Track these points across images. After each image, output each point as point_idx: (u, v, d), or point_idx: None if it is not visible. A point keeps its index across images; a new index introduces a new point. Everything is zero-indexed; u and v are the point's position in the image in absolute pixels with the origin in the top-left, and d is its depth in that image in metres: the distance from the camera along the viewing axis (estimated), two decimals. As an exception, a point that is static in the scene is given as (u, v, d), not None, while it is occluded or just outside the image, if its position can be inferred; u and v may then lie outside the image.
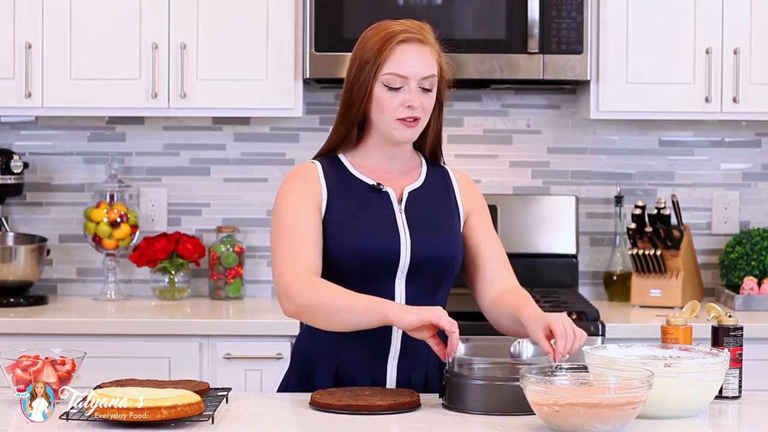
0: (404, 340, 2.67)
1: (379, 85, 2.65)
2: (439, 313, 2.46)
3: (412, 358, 2.69)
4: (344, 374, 2.68)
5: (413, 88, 2.64)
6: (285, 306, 2.60)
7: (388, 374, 2.68)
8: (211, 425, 2.31)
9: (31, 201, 4.38)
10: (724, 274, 4.28)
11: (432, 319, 2.46)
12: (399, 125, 2.66)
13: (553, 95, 4.38)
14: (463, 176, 2.85)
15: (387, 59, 2.63)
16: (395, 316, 2.49)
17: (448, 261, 2.71)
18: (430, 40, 2.68)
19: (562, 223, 4.28)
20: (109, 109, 4.13)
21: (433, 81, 2.67)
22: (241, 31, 4.02)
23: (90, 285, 4.38)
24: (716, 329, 2.61)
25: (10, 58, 4.01)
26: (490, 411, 2.40)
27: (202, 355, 3.78)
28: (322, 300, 2.56)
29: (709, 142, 4.40)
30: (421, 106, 2.65)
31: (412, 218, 2.70)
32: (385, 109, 2.65)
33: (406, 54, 2.64)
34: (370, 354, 2.68)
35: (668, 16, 4.02)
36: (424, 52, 2.66)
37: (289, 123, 4.36)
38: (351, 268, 2.64)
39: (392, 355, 2.68)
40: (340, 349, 2.69)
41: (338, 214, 2.68)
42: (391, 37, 2.64)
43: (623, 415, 2.22)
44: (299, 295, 2.57)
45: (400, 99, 2.64)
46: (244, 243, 4.33)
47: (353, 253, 2.64)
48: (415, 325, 2.47)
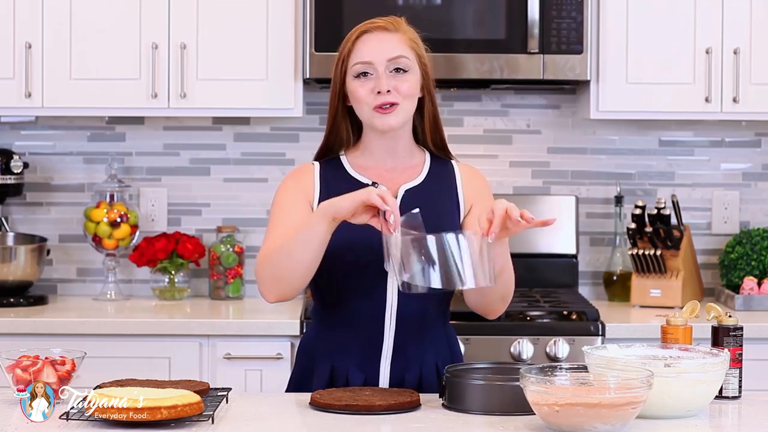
0: (397, 339, 2.68)
1: (350, 78, 2.70)
2: (368, 191, 2.46)
3: (405, 357, 2.69)
4: (338, 374, 2.69)
5: (381, 72, 2.67)
6: (259, 286, 2.64)
7: (381, 374, 2.69)
8: (211, 425, 2.31)
9: (31, 201, 4.38)
10: (724, 274, 4.28)
11: (364, 199, 2.45)
12: (376, 114, 2.68)
13: (553, 95, 4.38)
14: (467, 169, 2.84)
15: (352, 51, 2.70)
16: (331, 210, 2.49)
17: None
18: (400, 28, 2.72)
19: (562, 223, 4.28)
20: (109, 109, 4.13)
21: (404, 62, 2.69)
22: (241, 31, 4.02)
23: (90, 285, 4.38)
24: (716, 329, 2.61)
25: (10, 58, 4.01)
26: (490, 411, 2.40)
27: (202, 355, 3.78)
28: (275, 255, 2.58)
29: (709, 142, 4.40)
30: (394, 90, 2.66)
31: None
32: (359, 99, 2.68)
33: (369, 41, 2.70)
34: (363, 354, 2.69)
35: (668, 16, 4.02)
36: (387, 37, 2.70)
37: (289, 123, 4.36)
38: (343, 265, 2.65)
39: (385, 354, 2.69)
40: (333, 349, 2.70)
41: None
42: (356, 31, 2.71)
43: (623, 415, 2.22)
44: (264, 268, 2.61)
45: (369, 86, 2.67)
46: (244, 243, 4.33)
47: (344, 249, 2.65)
48: (350, 210, 2.47)
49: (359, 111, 2.71)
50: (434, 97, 2.77)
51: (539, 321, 3.77)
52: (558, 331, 3.72)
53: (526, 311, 3.80)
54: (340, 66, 2.71)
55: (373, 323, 2.67)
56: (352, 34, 2.71)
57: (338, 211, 2.49)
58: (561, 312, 3.82)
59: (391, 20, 2.74)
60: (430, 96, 2.75)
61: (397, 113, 2.68)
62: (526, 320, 3.75)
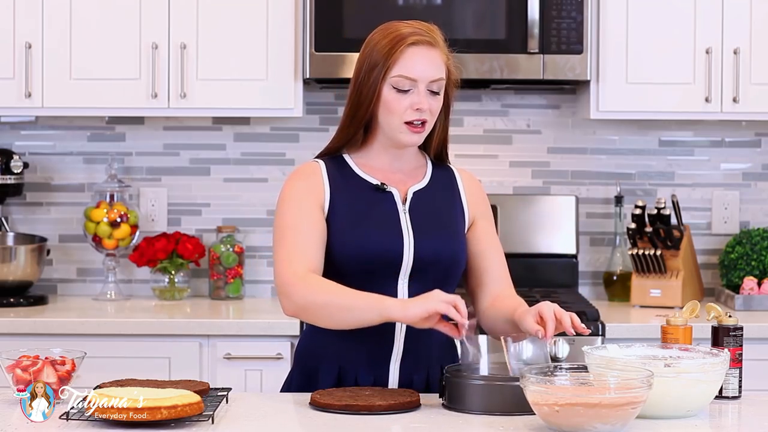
0: (407, 340, 2.68)
1: (388, 87, 2.64)
2: (440, 299, 2.45)
3: (414, 358, 2.69)
4: (347, 374, 2.68)
5: (422, 90, 2.64)
6: (285, 305, 2.60)
7: (390, 375, 2.68)
8: (211, 425, 2.31)
9: (31, 201, 4.38)
10: (724, 274, 4.28)
11: (438, 309, 2.45)
12: (406, 129, 2.65)
13: (553, 95, 4.38)
14: (468, 177, 2.84)
15: (396, 61, 2.63)
16: (398, 312, 2.49)
17: (452, 262, 2.70)
18: (440, 42, 2.69)
19: (562, 223, 4.28)
20: (109, 109, 4.13)
21: (441, 84, 2.67)
22: (241, 31, 4.02)
23: (90, 285, 4.38)
24: (716, 329, 2.61)
25: (10, 58, 4.01)
26: (490, 411, 2.40)
27: (202, 355, 3.78)
28: (322, 298, 2.56)
29: (709, 142, 4.40)
30: (429, 109, 2.65)
31: (416, 219, 2.70)
32: (393, 111, 2.64)
33: (416, 56, 2.64)
34: (373, 354, 2.68)
35: (668, 16, 4.02)
36: (433, 54, 2.66)
37: (289, 123, 4.36)
38: (354, 268, 2.64)
39: (395, 355, 2.68)
40: (342, 350, 2.69)
41: (341, 213, 2.68)
42: (401, 40, 2.64)
43: (623, 415, 2.22)
44: (298, 294, 2.57)
45: (408, 101, 2.64)
46: (244, 243, 4.33)
47: (356, 252, 2.64)
48: (421, 316, 2.46)
49: (386, 121, 2.66)
50: (450, 112, 2.75)
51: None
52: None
53: (526, 311, 3.79)
54: (381, 71, 2.64)
55: (384, 327, 2.63)
56: (398, 42, 2.63)
57: (406, 315, 2.48)
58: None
59: (432, 31, 2.68)
60: (447, 111, 2.74)
61: (424, 132, 2.68)
62: (526, 320, 3.75)
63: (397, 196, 2.71)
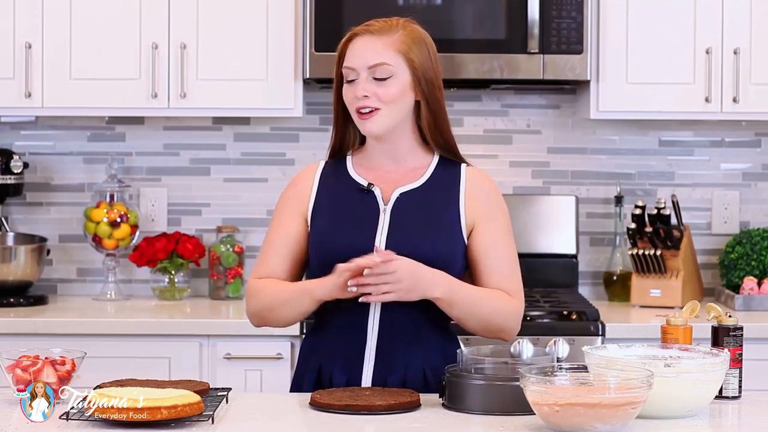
0: (380, 342, 2.68)
1: (343, 82, 2.72)
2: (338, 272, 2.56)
3: (388, 361, 2.67)
4: (324, 375, 2.71)
5: (362, 78, 2.68)
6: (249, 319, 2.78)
7: (363, 376, 2.68)
8: (211, 425, 2.31)
9: (31, 201, 4.38)
10: (724, 274, 4.28)
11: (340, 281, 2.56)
12: (358, 119, 2.70)
13: (553, 95, 4.38)
14: (474, 178, 2.77)
15: (344, 55, 2.72)
16: (319, 290, 2.62)
17: (433, 263, 2.63)
18: (391, 31, 2.69)
19: (562, 223, 4.28)
20: (109, 109, 4.13)
21: (384, 70, 2.67)
22: (240, 31, 4.02)
23: (90, 285, 4.38)
24: (716, 329, 2.61)
25: (10, 58, 4.01)
26: (490, 411, 2.40)
27: (202, 355, 3.78)
28: (264, 302, 2.71)
29: (709, 142, 4.40)
30: (374, 96, 2.66)
31: (396, 219, 2.69)
32: (347, 102, 2.71)
33: (355, 47, 2.70)
34: (346, 355, 2.69)
35: (668, 16, 4.02)
36: (372, 42, 2.69)
37: (289, 123, 4.36)
38: (328, 269, 2.63)
39: (367, 356, 2.68)
40: (320, 350, 2.73)
41: (323, 215, 2.73)
42: (349, 35, 2.73)
43: (623, 415, 2.22)
44: (249, 304, 2.75)
45: (353, 91, 2.68)
46: (244, 243, 4.33)
47: (326, 253, 2.67)
48: (332, 293, 2.60)
49: (351, 115, 2.72)
50: (436, 98, 2.71)
51: (539, 321, 3.77)
52: (558, 331, 3.71)
53: (526, 311, 3.77)
54: (338, 68, 2.74)
55: (357, 327, 2.67)
56: (347, 38, 2.72)
57: (327, 291, 2.61)
58: (561, 312, 3.82)
59: (386, 23, 2.70)
60: (426, 98, 2.70)
61: (377, 119, 2.67)
62: (526, 320, 3.74)
63: (380, 196, 2.71)
